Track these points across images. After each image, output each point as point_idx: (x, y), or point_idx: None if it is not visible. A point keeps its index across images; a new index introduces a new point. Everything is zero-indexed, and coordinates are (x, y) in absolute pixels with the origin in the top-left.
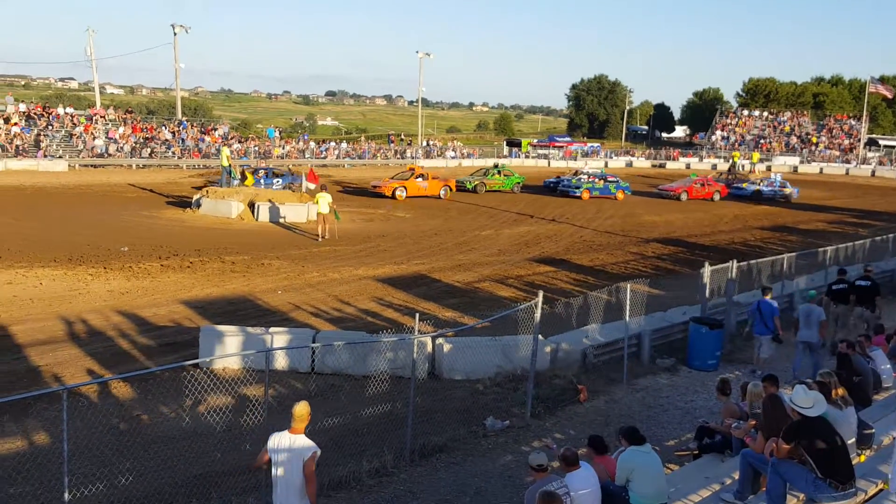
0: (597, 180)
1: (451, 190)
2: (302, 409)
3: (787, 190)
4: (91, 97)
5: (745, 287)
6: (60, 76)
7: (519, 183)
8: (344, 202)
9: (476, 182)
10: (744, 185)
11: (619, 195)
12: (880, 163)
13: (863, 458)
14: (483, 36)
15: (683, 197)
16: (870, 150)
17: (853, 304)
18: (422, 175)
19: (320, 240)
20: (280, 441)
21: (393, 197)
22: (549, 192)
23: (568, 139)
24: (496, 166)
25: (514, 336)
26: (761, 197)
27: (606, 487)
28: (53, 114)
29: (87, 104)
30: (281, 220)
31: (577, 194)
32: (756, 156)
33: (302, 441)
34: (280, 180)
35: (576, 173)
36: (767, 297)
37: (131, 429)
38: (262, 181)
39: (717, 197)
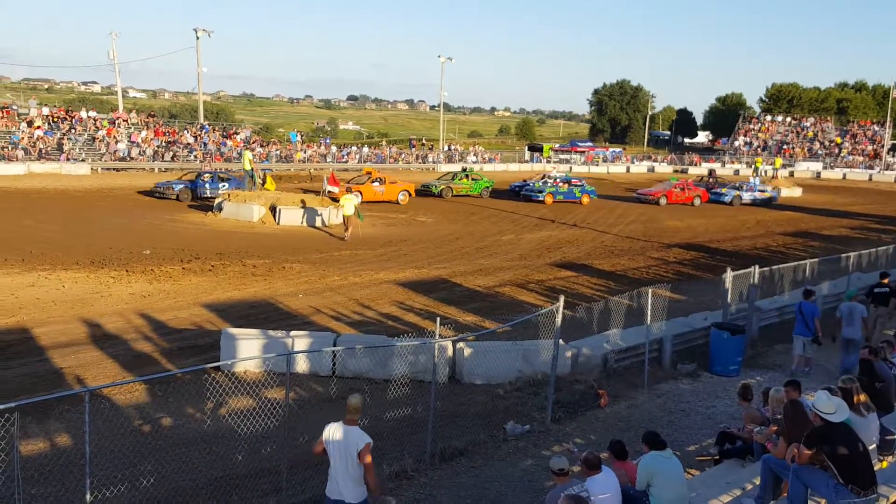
0: (561, 184)
1: (409, 195)
2: (356, 401)
3: (767, 194)
4: (114, 101)
5: (768, 293)
6: (83, 80)
7: (488, 187)
8: (365, 207)
9: (442, 186)
10: (723, 190)
11: (584, 199)
12: None
13: (885, 464)
14: (505, 41)
15: (662, 201)
16: (893, 156)
17: (893, 308)
18: (379, 179)
19: (347, 239)
20: (334, 432)
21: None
22: (514, 197)
23: (590, 144)
24: (464, 170)
25: (534, 340)
26: (741, 202)
27: (627, 492)
28: (76, 117)
29: (109, 108)
30: (317, 224)
31: (541, 199)
32: (779, 161)
33: (356, 432)
34: (227, 185)
35: (543, 177)
36: (810, 300)
37: (153, 431)
38: (206, 185)
39: (697, 202)
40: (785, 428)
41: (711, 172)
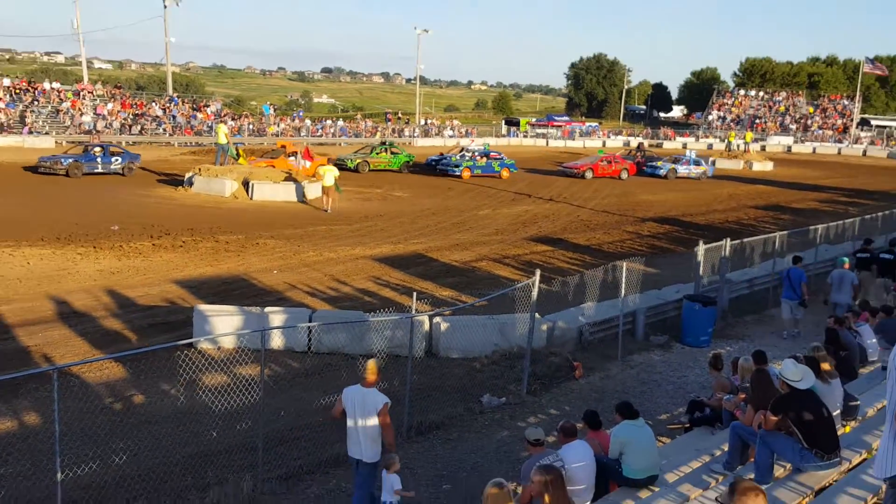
0: (479, 158)
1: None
2: (373, 364)
3: (702, 167)
4: (78, 72)
5: (738, 265)
6: (46, 50)
7: (408, 162)
8: (340, 181)
9: (358, 161)
10: (658, 163)
11: (504, 173)
12: (872, 143)
13: (848, 428)
14: (482, 14)
15: (588, 175)
16: (862, 130)
17: (875, 274)
18: (295, 153)
19: (329, 211)
20: (353, 394)
21: None
22: (431, 171)
23: (566, 118)
24: (384, 143)
25: (511, 314)
26: (676, 175)
27: (600, 461)
28: (39, 89)
29: (74, 79)
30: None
31: (457, 173)
32: (749, 135)
33: (373, 393)
34: (119, 159)
35: (461, 150)
36: (797, 266)
37: (124, 409)
38: (98, 159)
39: (624, 175)
40: (752, 396)
41: (640, 146)
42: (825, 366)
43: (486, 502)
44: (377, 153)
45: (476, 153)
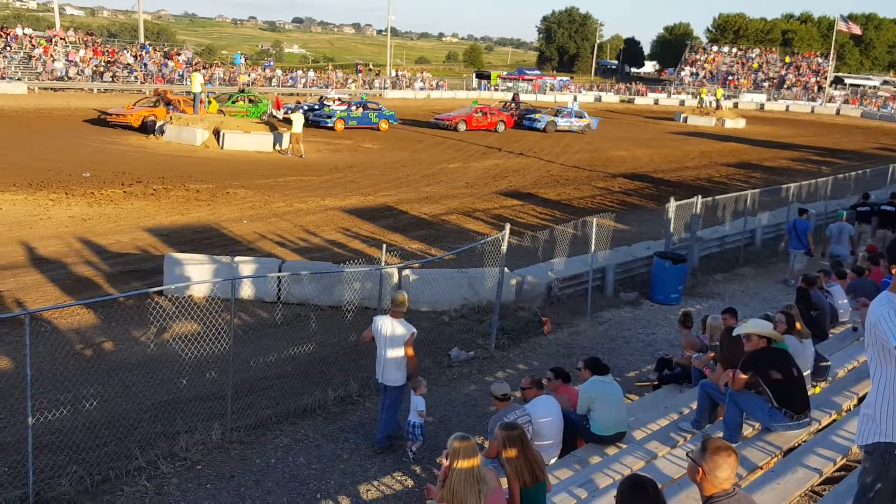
0: (353, 108)
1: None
2: (402, 296)
3: (585, 120)
4: (50, 18)
5: (710, 223)
6: None
7: (266, 112)
8: (309, 133)
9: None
10: (537, 115)
11: (383, 125)
12: (845, 101)
13: (818, 389)
14: None
15: (462, 127)
16: (836, 89)
17: (876, 226)
18: (174, 103)
19: (303, 156)
20: (383, 324)
21: (144, 129)
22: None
23: (537, 72)
24: (242, 90)
25: (480, 268)
26: (555, 128)
27: (568, 416)
28: (11, 35)
29: (46, 25)
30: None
31: (330, 125)
32: (720, 91)
33: (401, 324)
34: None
35: (320, 100)
36: (803, 217)
37: (95, 355)
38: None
39: (500, 128)
40: (721, 354)
41: (514, 97)
42: (798, 325)
43: (452, 455)
44: (233, 101)
45: (352, 104)
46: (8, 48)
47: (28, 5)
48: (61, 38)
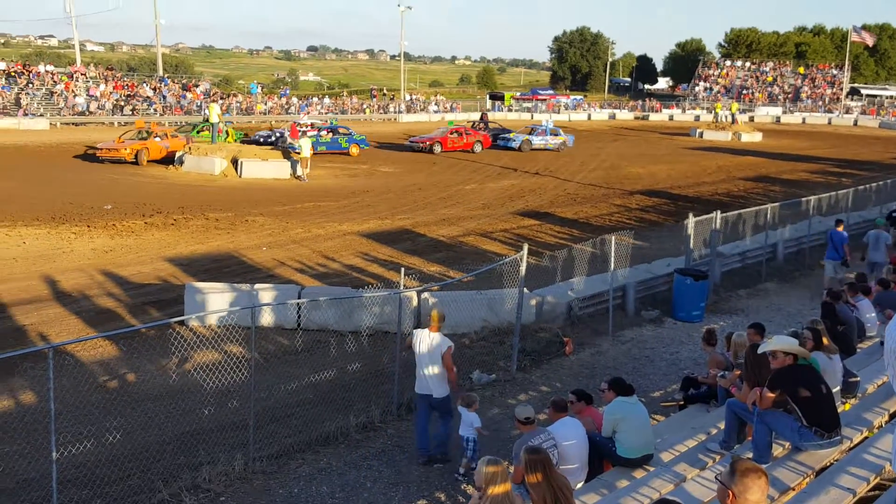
0: (323, 133)
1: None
2: (438, 311)
3: (560, 138)
4: (71, 55)
5: (730, 238)
6: (40, 34)
7: (238, 140)
8: (326, 158)
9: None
10: (511, 134)
11: (353, 150)
12: (862, 112)
13: (847, 406)
14: None
15: (437, 149)
16: (852, 100)
17: None
18: (162, 134)
19: (306, 180)
20: (421, 337)
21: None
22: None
23: (551, 92)
24: (206, 120)
25: (499, 290)
26: (531, 147)
27: (593, 438)
28: (34, 72)
29: (67, 62)
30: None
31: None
32: (735, 105)
33: (438, 338)
34: None
35: (307, 126)
36: (839, 229)
37: (118, 387)
38: None
39: (477, 148)
40: (747, 372)
41: (483, 116)
42: (825, 341)
43: (483, 480)
44: (198, 132)
45: (319, 128)
46: (30, 85)
47: (49, 43)
48: (82, 74)
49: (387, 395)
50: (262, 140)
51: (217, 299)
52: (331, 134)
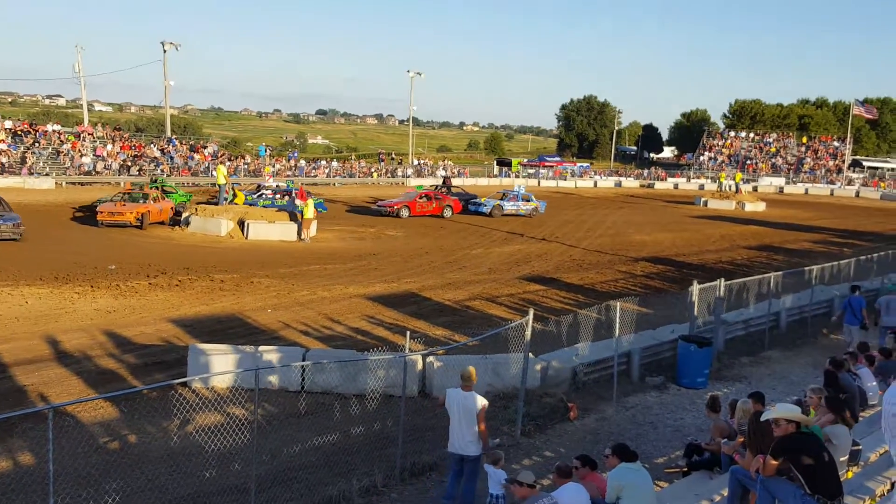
0: (279, 196)
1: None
2: (470, 371)
3: (532, 204)
4: (79, 114)
5: (734, 306)
6: (48, 93)
7: (185, 202)
8: (334, 221)
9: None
10: (482, 199)
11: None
12: (864, 184)
13: (850, 474)
14: (473, 56)
15: (404, 213)
16: (854, 172)
17: None
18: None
19: (307, 241)
20: (455, 396)
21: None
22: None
23: (557, 159)
24: (154, 180)
25: (504, 354)
26: (502, 213)
27: None
28: (41, 131)
29: (74, 121)
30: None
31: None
32: (739, 175)
33: (472, 396)
34: None
35: (258, 187)
36: (857, 294)
37: (119, 449)
38: None
39: (447, 213)
40: (751, 439)
41: (445, 181)
42: (847, 414)
43: None
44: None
45: (272, 191)
46: (37, 144)
47: (57, 102)
48: (89, 134)
49: (390, 458)
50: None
51: (221, 361)
52: (286, 197)
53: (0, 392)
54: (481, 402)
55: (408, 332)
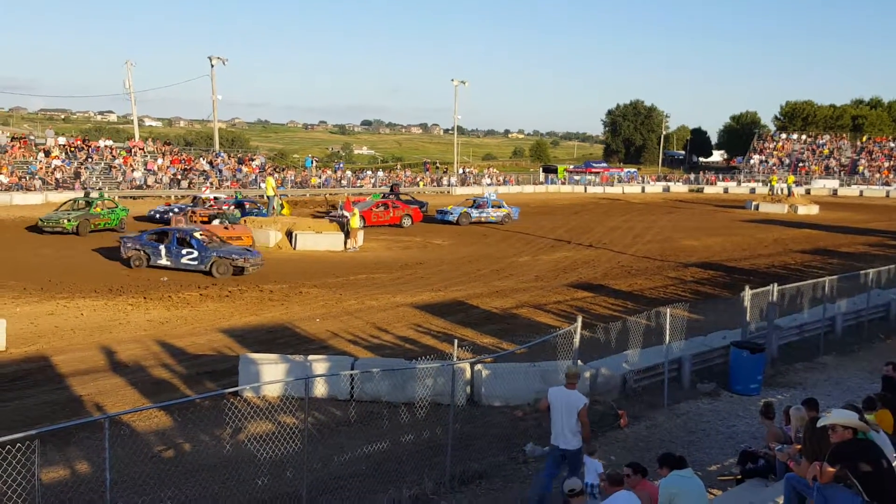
0: (227, 208)
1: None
2: (574, 369)
3: (504, 210)
4: (130, 130)
5: (787, 311)
6: (100, 109)
7: (124, 217)
8: (380, 230)
9: (77, 221)
10: (449, 207)
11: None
12: None
13: None
14: (518, 63)
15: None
16: None
17: None
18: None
19: (356, 249)
20: (558, 394)
21: None
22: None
23: (604, 165)
24: (88, 195)
25: (553, 361)
26: (470, 220)
27: None
28: (93, 146)
29: (125, 137)
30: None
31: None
32: (791, 178)
33: (575, 394)
34: None
35: (193, 199)
36: None
37: (173, 457)
38: None
39: (406, 222)
40: (807, 446)
41: (393, 188)
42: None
43: None
44: (93, 209)
45: (221, 204)
46: (90, 159)
47: (109, 118)
48: (140, 149)
49: (439, 466)
50: (155, 216)
51: (271, 370)
52: (237, 209)
53: (58, 402)
54: (583, 399)
55: (455, 341)
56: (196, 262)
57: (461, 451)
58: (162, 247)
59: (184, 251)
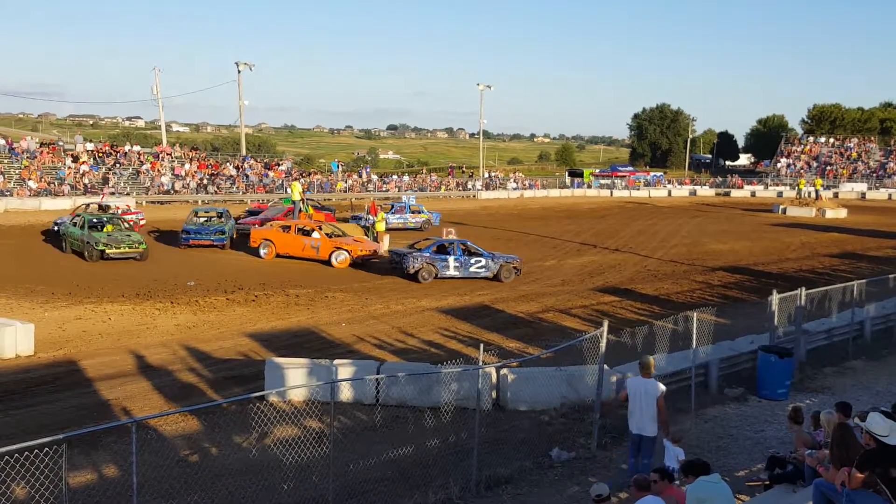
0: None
1: None
2: (650, 359)
3: (423, 216)
4: (157, 135)
5: (815, 315)
6: (128, 115)
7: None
8: (407, 233)
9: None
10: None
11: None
12: None
13: None
14: (544, 67)
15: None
16: None
17: None
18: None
19: (384, 252)
20: (636, 383)
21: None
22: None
23: (630, 169)
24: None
25: (579, 366)
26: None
27: None
28: (121, 152)
29: (153, 142)
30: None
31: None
32: (819, 182)
33: (653, 383)
34: None
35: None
36: None
37: (200, 462)
38: None
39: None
40: (836, 451)
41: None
42: None
43: None
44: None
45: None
46: (118, 165)
47: (136, 124)
48: (167, 154)
49: (465, 471)
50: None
51: (297, 375)
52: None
53: (85, 406)
54: (661, 387)
55: (481, 345)
56: (484, 270)
57: (487, 456)
58: (450, 258)
59: (472, 260)
